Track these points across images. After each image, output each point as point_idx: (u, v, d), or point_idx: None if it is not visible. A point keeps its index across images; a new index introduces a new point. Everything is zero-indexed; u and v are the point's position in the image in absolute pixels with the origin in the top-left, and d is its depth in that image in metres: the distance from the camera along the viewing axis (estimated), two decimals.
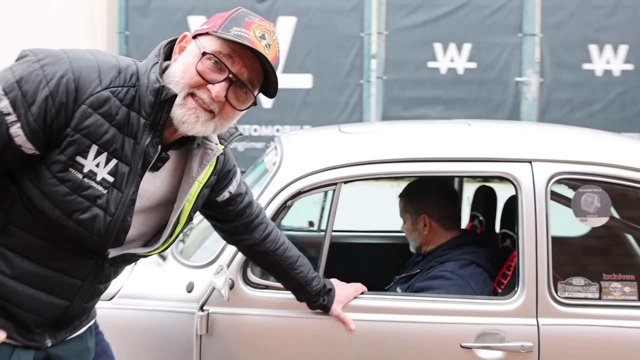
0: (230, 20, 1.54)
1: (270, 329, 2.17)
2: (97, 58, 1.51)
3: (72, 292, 1.61)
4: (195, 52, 1.55)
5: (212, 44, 1.54)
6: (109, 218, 1.54)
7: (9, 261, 1.53)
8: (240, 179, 1.95)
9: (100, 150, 1.49)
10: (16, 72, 1.44)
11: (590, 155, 2.23)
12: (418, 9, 6.81)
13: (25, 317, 1.58)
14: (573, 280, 2.16)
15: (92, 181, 1.50)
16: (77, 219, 1.50)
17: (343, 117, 6.84)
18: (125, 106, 1.51)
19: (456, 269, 2.40)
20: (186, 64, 1.54)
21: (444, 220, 2.60)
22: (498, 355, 2.10)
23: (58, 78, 1.44)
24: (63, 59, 1.47)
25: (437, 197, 2.65)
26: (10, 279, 1.53)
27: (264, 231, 2.02)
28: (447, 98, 6.83)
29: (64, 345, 1.69)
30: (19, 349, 1.59)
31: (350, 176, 2.22)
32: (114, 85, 1.50)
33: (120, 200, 1.55)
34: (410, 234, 2.67)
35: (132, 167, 1.55)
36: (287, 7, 6.87)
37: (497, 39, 6.80)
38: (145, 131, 1.53)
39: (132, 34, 6.93)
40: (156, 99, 1.51)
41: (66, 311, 1.64)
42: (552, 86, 6.80)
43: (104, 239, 1.55)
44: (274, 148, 2.52)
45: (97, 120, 1.47)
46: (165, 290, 2.25)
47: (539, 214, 2.15)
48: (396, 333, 2.13)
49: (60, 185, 1.47)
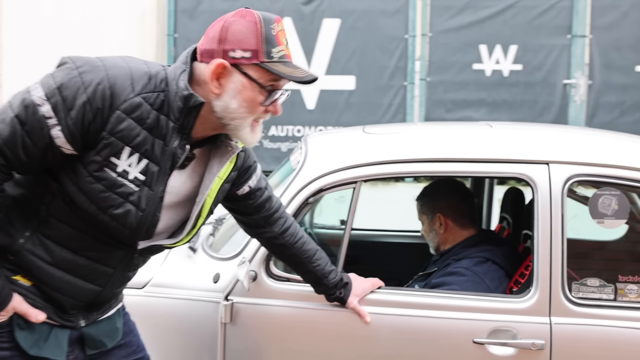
0: (266, 43, 1.61)
1: (290, 319, 2.25)
2: (129, 66, 1.62)
3: (104, 279, 1.75)
4: (250, 86, 1.63)
5: (265, 75, 1.63)
6: (140, 213, 1.65)
7: (49, 250, 1.66)
8: (261, 174, 2.04)
9: (133, 152, 1.60)
10: (57, 78, 1.56)
11: (609, 158, 2.23)
12: (463, 10, 6.77)
13: (63, 300, 1.71)
14: (588, 281, 2.18)
15: (125, 180, 1.62)
16: (111, 214, 1.62)
17: (386, 119, 6.85)
18: (155, 110, 1.61)
19: (471, 265, 2.44)
20: (247, 100, 1.64)
21: (459, 218, 2.65)
22: (509, 352, 2.14)
23: (95, 85, 1.55)
24: (99, 67, 1.58)
25: (451, 196, 2.70)
26: (50, 266, 1.67)
27: (283, 225, 2.10)
28: (492, 100, 6.77)
29: (96, 325, 1.83)
30: (56, 328, 1.73)
31: (370, 175, 2.28)
32: (145, 91, 1.60)
33: (151, 197, 1.66)
34: (427, 235, 2.73)
35: (162, 167, 1.66)
36: (332, 9, 6.93)
37: (545, 40, 6.71)
38: (174, 134, 1.64)
39: (181, 36, 7.10)
40: (185, 105, 1.62)
41: (99, 296, 1.77)
42: (601, 89, 6.67)
43: (135, 232, 1.67)
44: (299, 147, 2.61)
45: (130, 124, 1.58)
46: (194, 280, 2.35)
47: (555, 215, 2.17)
48: (410, 327, 2.19)
49: (96, 183, 1.60)
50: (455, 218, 2.65)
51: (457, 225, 2.64)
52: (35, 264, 1.66)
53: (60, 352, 1.73)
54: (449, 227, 2.65)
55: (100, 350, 1.85)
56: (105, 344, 1.85)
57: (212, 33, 1.66)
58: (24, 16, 7.26)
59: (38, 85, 1.57)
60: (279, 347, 2.25)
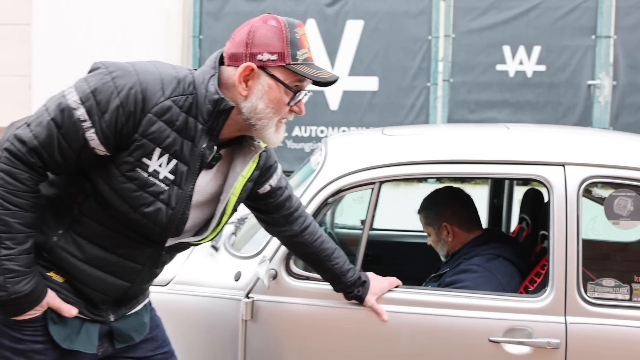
0: (291, 46, 1.70)
1: (309, 317, 2.29)
2: (159, 70, 1.69)
3: (133, 275, 1.82)
4: (277, 87, 1.71)
5: (291, 77, 1.72)
6: (170, 211, 1.72)
7: (81, 247, 1.74)
8: (281, 174, 2.10)
9: (163, 152, 1.67)
10: (91, 83, 1.64)
11: (624, 159, 2.25)
12: (487, 11, 6.75)
13: (94, 296, 1.79)
14: (603, 281, 2.20)
15: (155, 179, 1.69)
16: (142, 212, 1.69)
17: (409, 120, 6.86)
18: (184, 112, 1.68)
19: (482, 262, 2.47)
20: (273, 100, 1.72)
21: (465, 223, 2.69)
22: (525, 351, 2.17)
23: (127, 89, 1.62)
24: (131, 72, 1.66)
25: (452, 203, 2.75)
26: (82, 262, 1.75)
27: (302, 224, 2.15)
28: (515, 101, 6.74)
29: (124, 320, 1.90)
30: (87, 322, 1.81)
31: (389, 176, 2.32)
32: (174, 94, 1.67)
33: (180, 196, 1.73)
34: (436, 244, 2.77)
35: (191, 167, 1.72)
36: (355, 10, 6.95)
37: (569, 41, 6.66)
38: (202, 136, 1.71)
39: (206, 37, 7.16)
40: (214, 109, 1.69)
41: (128, 291, 1.84)
42: (626, 89, 6.61)
43: (165, 229, 1.74)
44: (319, 149, 2.66)
45: (160, 127, 1.65)
46: (216, 278, 2.41)
47: (570, 216, 2.20)
48: (427, 325, 2.23)
49: (128, 182, 1.67)
50: (460, 224, 2.69)
51: (463, 231, 2.69)
52: (68, 261, 1.73)
53: (91, 345, 1.81)
54: (456, 234, 2.69)
55: (128, 344, 1.92)
56: (133, 338, 1.92)
57: (238, 37, 1.72)
58: (53, 18, 7.39)
59: (72, 89, 1.65)
60: (298, 344, 2.30)
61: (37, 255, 1.71)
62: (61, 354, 1.78)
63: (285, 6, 7.00)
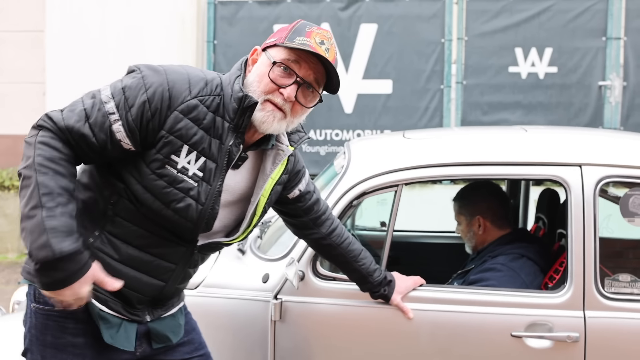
0: (293, 32, 1.81)
1: (336, 316, 2.37)
2: (188, 72, 1.81)
3: (167, 274, 1.90)
4: (267, 63, 1.81)
5: (280, 53, 1.81)
6: (200, 207, 1.81)
7: (116, 247, 1.82)
8: (309, 179, 2.19)
9: (191, 150, 1.77)
10: (124, 82, 1.77)
11: (638, 159, 2.33)
12: (499, 14, 6.81)
13: (130, 295, 1.86)
14: (619, 277, 2.28)
15: (185, 176, 1.78)
16: (174, 208, 1.78)
17: (423, 122, 6.92)
18: (211, 112, 1.79)
19: (507, 262, 2.55)
20: (260, 74, 1.81)
21: (497, 220, 2.77)
22: (546, 345, 2.25)
23: (155, 87, 1.74)
24: (160, 72, 1.77)
25: (490, 199, 2.82)
26: (117, 262, 1.83)
27: (330, 226, 2.24)
28: (528, 102, 6.80)
29: (160, 321, 1.97)
30: (125, 321, 1.88)
31: (411, 178, 2.41)
32: (201, 94, 1.78)
33: (210, 192, 1.82)
34: (465, 235, 2.85)
35: (219, 164, 1.81)
36: (369, 14, 7.03)
37: (580, 43, 6.72)
38: (229, 133, 1.80)
39: (220, 42, 7.22)
40: (239, 106, 1.79)
41: (163, 291, 1.92)
42: (636, 90, 6.66)
43: (196, 224, 1.82)
44: (343, 153, 2.75)
45: (187, 124, 1.75)
46: (244, 280, 2.49)
47: (587, 215, 2.28)
48: (451, 322, 2.31)
49: (158, 179, 1.76)
50: (493, 220, 2.77)
51: (494, 227, 2.76)
52: (104, 261, 1.80)
53: (129, 343, 1.88)
54: (487, 228, 2.77)
55: (165, 344, 1.98)
56: (170, 338, 1.99)
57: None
58: (67, 24, 7.47)
59: (107, 86, 1.77)
60: (326, 343, 2.38)
61: None
62: (98, 352, 1.85)
63: (299, 10, 7.08)
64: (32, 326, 1.85)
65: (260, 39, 7.20)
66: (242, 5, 7.20)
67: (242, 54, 7.14)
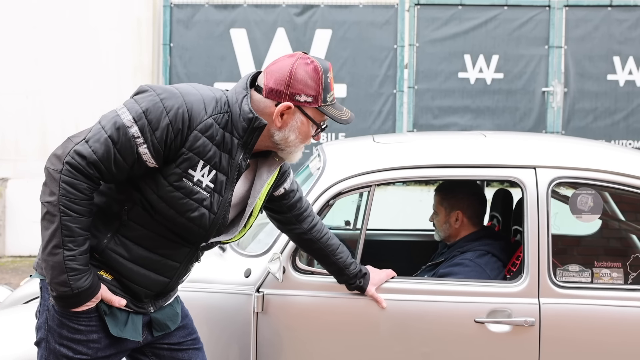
0: (324, 90, 2.00)
1: (315, 307, 2.56)
2: (200, 92, 1.96)
3: (172, 272, 2.07)
4: (306, 123, 2.01)
5: (320, 115, 2.03)
6: (213, 216, 1.99)
7: (128, 248, 1.98)
8: (293, 178, 2.39)
9: (205, 164, 1.93)
10: (142, 104, 1.89)
11: (586, 162, 2.61)
12: (449, 22, 7.07)
13: (139, 290, 2.03)
14: (569, 267, 2.55)
15: (199, 188, 1.94)
16: (188, 217, 1.95)
17: (376, 125, 7.11)
18: (221, 128, 1.95)
19: (474, 258, 2.81)
20: (303, 133, 2.03)
21: (474, 218, 3.03)
22: (505, 329, 2.50)
23: (175, 109, 1.88)
24: (177, 94, 1.92)
25: (472, 197, 3.08)
26: (128, 262, 1.99)
27: (310, 222, 2.43)
28: (476, 107, 7.08)
29: (161, 311, 2.15)
30: (132, 314, 2.06)
31: (383, 180, 2.62)
32: (215, 113, 1.94)
33: (221, 202, 1.99)
34: (440, 225, 3.08)
35: (229, 177, 1.99)
36: (324, 20, 7.17)
37: (524, 50, 7.04)
38: (238, 149, 1.97)
39: (176, 45, 7.20)
40: (249, 126, 1.96)
41: (167, 286, 2.09)
42: (576, 96, 7.03)
43: (208, 231, 2.01)
44: (317, 155, 2.95)
45: (204, 142, 1.92)
46: (226, 275, 2.63)
47: (541, 212, 2.54)
48: (421, 311, 2.53)
49: (175, 191, 1.92)
50: (470, 217, 3.03)
51: (470, 223, 3.02)
52: (117, 260, 1.98)
53: (136, 334, 2.05)
54: (463, 224, 3.02)
55: (165, 332, 2.16)
56: (169, 326, 2.16)
57: (279, 74, 1.98)
58: (18, 25, 7.38)
59: (125, 109, 1.90)
60: (306, 332, 2.56)
61: (90, 256, 1.94)
62: (111, 343, 2.02)
63: (255, 15, 7.16)
64: (50, 319, 1.99)
65: (216, 43, 7.34)
66: (199, 8, 7.23)
67: (198, 57, 7.38)
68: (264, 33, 7.17)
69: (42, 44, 7.38)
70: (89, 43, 7.39)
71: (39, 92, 7.41)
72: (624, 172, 2.56)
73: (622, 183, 2.56)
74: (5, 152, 7.46)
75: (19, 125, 7.42)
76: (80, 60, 7.39)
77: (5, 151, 7.46)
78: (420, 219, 3.29)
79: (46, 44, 7.38)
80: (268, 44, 7.01)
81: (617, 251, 3.21)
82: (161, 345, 2.18)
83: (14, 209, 7.26)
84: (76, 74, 7.39)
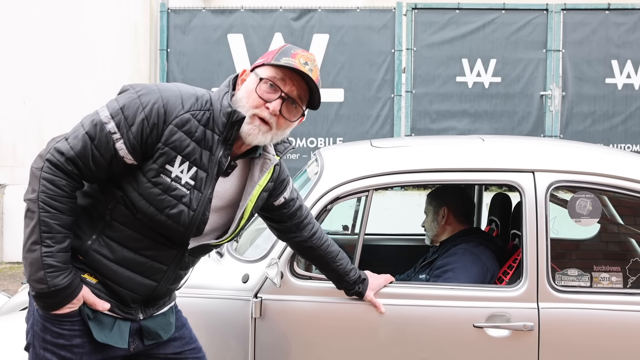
0: (280, 53, 1.99)
1: (313, 312, 2.55)
2: (180, 89, 1.97)
3: (159, 275, 2.04)
4: (254, 80, 1.99)
5: (267, 71, 1.99)
6: (192, 212, 1.96)
7: (112, 249, 1.96)
8: (293, 186, 2.37)
9: (184, 160, 1.92)
10: (120, 101, 1.91)
11: (585, 166, 2.60)
12: (446, 26, 7.09)
13: (124, 294, 2.00)
14: (568, 271, 2.54)
15: (178, 184, 1.93)
16: (167, 214, 1.93)
17: (374, 130, 7.13)
18: (202, 125, 1.94)
19: (469, 247, 2.86)
20: (248, 90, 1.99)
21: (460, 215, 3.05)
22: (504, 333, 2.49)
23: (151, 105, 1.89)
24: (154, 90, 1.93)
25: (458, 198, 3.12)
26: (113, 263, 1.97)
27: (311, 230, 2.41)
28: (474, 111, 7.10)
29: (152, 319, 2.11)
30: (119, 320, 2.02)
31: (381, 184, 2.61)
32: (193, 109, 1.93)
33: (201, 199, 1.97)
34: (429, 225, 3.12)
35: (209, 173, 1.97)
36: (321, 24, 7.20)
37: (522, 54, 7.06)
38: (219, 145, 1.96)
39: (173, 50, 7.22)
40: (228, 120, 1.95)
41: (155, 290, 2.05)
42: (574, 99, 7.05)
43: (187, 229, 1.98)
44: (315, 160, 2.94)
45: (180, 137, 1.91)
46: (224, 281, 2.63)
47: (540, 216, 2.53)
48: (420, 315, 2.52)
49: (154, 187, 1.91)
50: (456, 214, 3.06)
51: (456, 220, 3.05)
52: (101, 262, 1.95)
53: (122, 341, 2.02)
54: (450, 220, 3.05)
55: (156, 341, 2.13)
56: (160, 335, 2.13)
57: None
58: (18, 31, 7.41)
59: (104, 107, 1.91)
60: (304, 338, 2.55)
61: (73, 258, 1.93)
62: (96, 348, 1.98)
63: (253, 20, 7.18)
64: (35, 323, 1.97)
65: (213, 48, 7.36)
66: (196, 13, 7.25)
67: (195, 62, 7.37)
68: (261, 38, 7.18)
69: (39, 50, 7.39)
70: (86, 49, 7.41)
71: (36, 98, 7.42)
72: (623, 175, 2.55)
73: (621, 187, 2.55)
74: (3, 158, 7.45)
75: (16, 131, 7.43)
76: (78, 66, 7.40)
77: (2, 157, 7.46)
78: (418, 224, 3.31)
79: (43, 50, 7.39)
80: (265, 49, 7.01)
81: (616, 255, 3.20)
82: (157, 355, 2.16)
83: (12, 215, 7.26)
84: (73, 80, 7.39)
